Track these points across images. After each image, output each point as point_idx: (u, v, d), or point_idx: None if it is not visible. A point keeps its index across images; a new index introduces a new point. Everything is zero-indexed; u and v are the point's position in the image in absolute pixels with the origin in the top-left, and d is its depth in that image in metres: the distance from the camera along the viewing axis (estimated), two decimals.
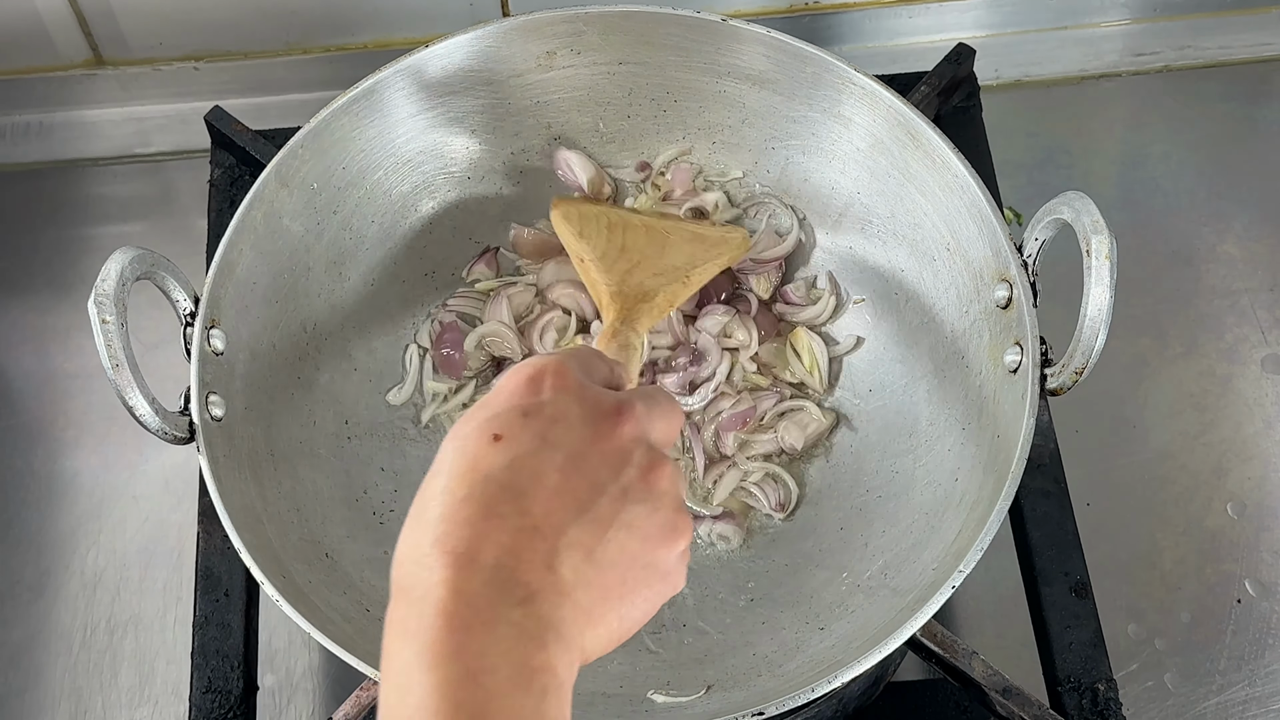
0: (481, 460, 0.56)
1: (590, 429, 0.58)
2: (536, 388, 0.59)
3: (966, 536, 0.81)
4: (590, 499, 0.56)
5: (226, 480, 0.83)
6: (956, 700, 0.92)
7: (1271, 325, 1.12)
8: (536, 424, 0.57)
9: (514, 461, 0.56)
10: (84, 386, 1.11)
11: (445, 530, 0.54)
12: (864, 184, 0.98)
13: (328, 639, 0.76)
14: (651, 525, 0.58)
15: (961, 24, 1.24)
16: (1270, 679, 0.98)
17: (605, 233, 0.92)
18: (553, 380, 0.59)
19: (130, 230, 1.19)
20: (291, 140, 0.93)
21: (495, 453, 0.56)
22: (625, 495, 0.57)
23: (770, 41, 0.94)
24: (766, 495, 0.96)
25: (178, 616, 1.02)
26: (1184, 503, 1.05)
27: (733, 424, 0.98)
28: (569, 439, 0.57)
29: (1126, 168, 1.20)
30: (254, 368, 0.90)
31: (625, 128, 1.03)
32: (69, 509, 1.07)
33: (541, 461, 0.56)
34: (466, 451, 0.56)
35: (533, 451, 0.56)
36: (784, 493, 0.96)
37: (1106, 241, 0.78)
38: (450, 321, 1.01)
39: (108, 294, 0.79)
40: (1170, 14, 1.25)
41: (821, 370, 0.99)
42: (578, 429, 0.58)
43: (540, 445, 0.57)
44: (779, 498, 0.96)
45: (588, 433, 0.58)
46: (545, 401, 0.58)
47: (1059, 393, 0.82)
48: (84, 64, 1.21)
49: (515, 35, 0.97)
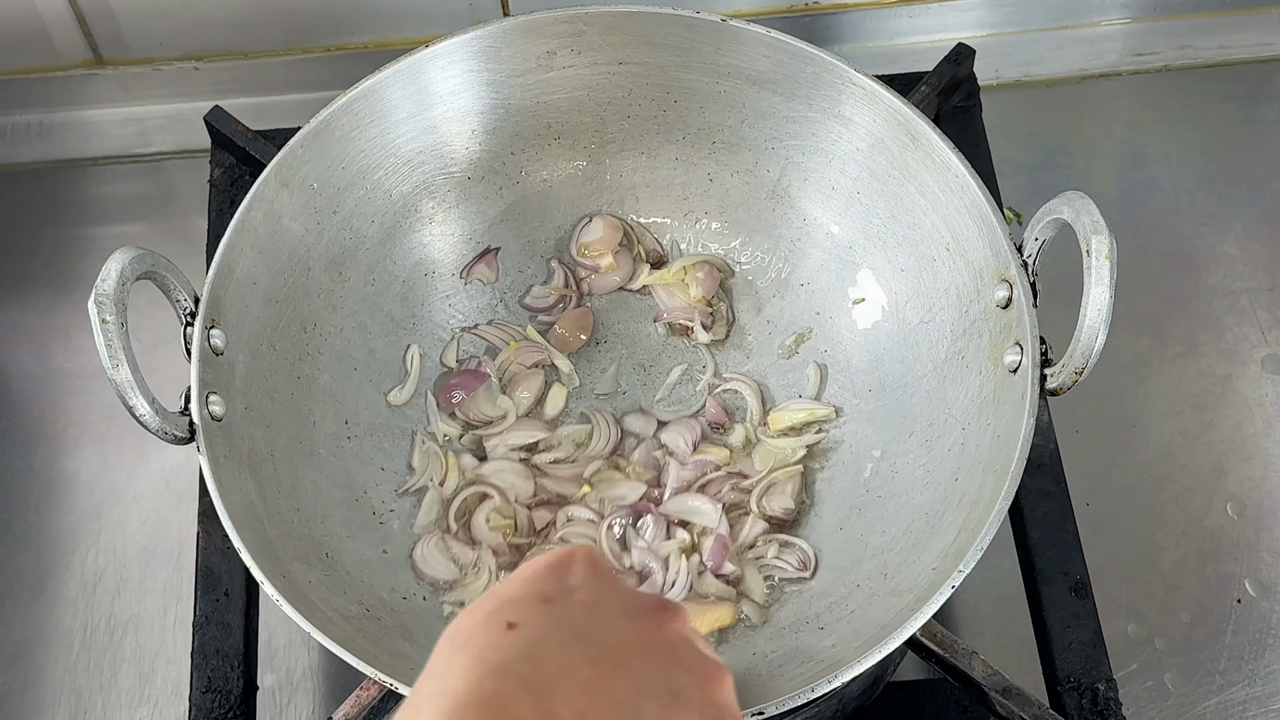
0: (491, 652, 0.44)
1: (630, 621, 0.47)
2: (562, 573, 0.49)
3: (966, 536, 0.81)
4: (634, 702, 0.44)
5: (226, 480, 0.83)
6: (956, 700, 0.92)
7: (1271, 325, 1.12)
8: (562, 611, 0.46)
9: (534, 653, 0.44)
10: (84, 386, 1.11)
11: None
12: (864, 184, 0.98)
13: (328, 639, 0.76)
14: None
15: (961, 24, 1.24)
16: (1270, 679, 0.98)
17: None
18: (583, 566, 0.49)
19: (130, 230, 1.19)
20: (291, 140, 0.93)
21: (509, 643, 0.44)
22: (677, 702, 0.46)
23: (770, 42, 0.94)
24: (786, 562, 0.94)
25: (178, 616, 1.02)
26: (1184, 503, 1.05)
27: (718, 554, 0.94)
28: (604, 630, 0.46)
29: (1126, 168, 1.20)
30: (254, 368, 0.90)
31: (625, 128, 1.03)
32: (69, 509, 1.07)
33: (570, 654, 0.45)
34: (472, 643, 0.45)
35: (560, 642, 0.45)
36: (801, 555, 0.94)
37: (1106, 241, 0.78)
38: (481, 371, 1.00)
39: (108, 294, 0.79)
40: (1170, 14, 1.26)
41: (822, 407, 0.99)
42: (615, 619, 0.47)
43: (569, 636, 0.45)
44: (799, 558, 0.94)
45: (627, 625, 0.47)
46: (574, 587, 0.48)
47: (1059, 393, 0.82)
48: (84, 64, 1.21)
49: (515, 35, 0.97)
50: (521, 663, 0.44)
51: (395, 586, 0.91)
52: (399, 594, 0.91)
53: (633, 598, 0.49)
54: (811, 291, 1.03)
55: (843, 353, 1.01)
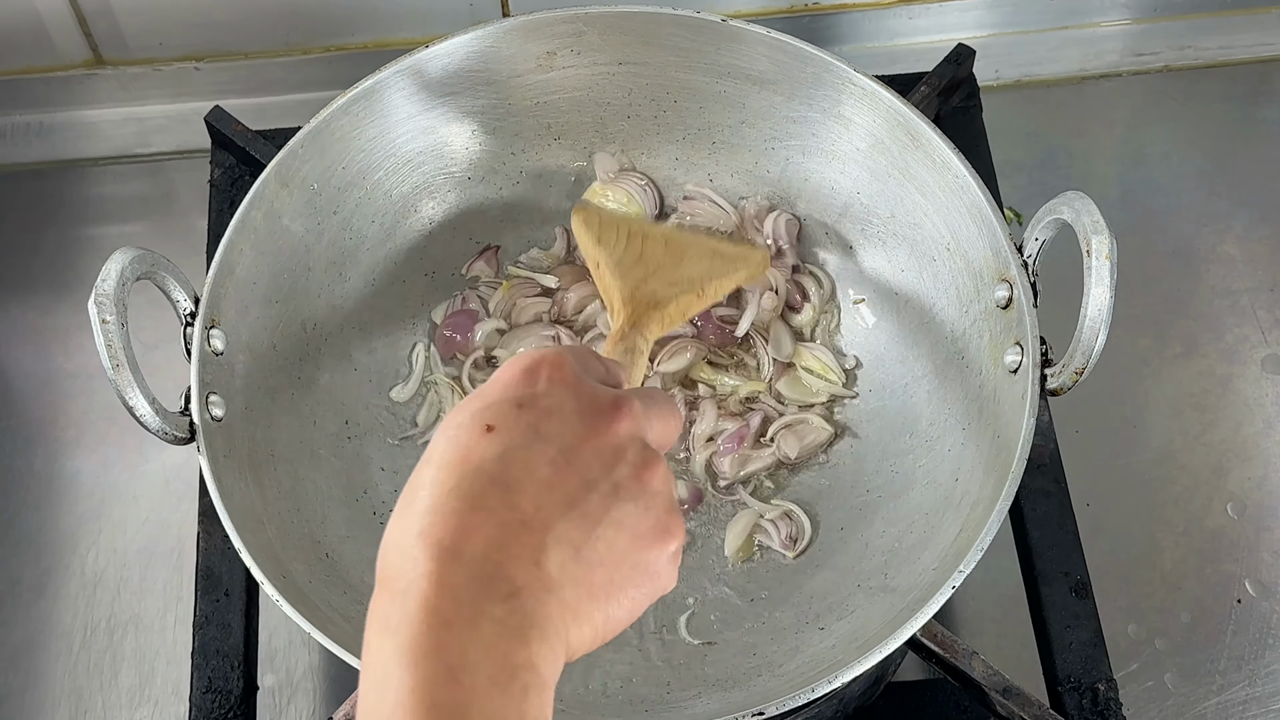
0: (473, 451, 0.55)
1: (585, 423, 0.57)
2: (532, 379, 0.58)
3: (966, 536, 0.81)
4: (581, 495, 0.55)
5: (226, 480, 0.83)
6: (956, 700, 0.92)
7: (1271, 325, 1.12)
8: (530, 416, 0.56)
9: (505, 454, 0.55)
10: (84, 386, 1.11)
11: (431, 521, 0.53)
12: (864, 184, 0.98)
13: (328, 639, 0.76)
14: (643, 524, 0.57)
15: (961, 24, 1.24)
16: (1270, 679, 0.98)
17: (624, 240, 0.91)
18: (549, 372, 0.58)
19: (130, 230, 1.19)
20: (291, 140, 0.93)
21: (487, 444, 0.55)
22: (617, 492, 0.56)
23: (770, 42, 0.94)
24: (778, 530, 0.95)
25: (178, 616, 1.02)
26: (1184, 503, 1.05)
27: (730, 448, 0.96)
28: (563, 432, 0.56)
29: (1126, 168, 1.20)
30: (254, 368, 0.90)
31: (625, 128, 1.03)
32: (69, 509, 1.07)
33: (533, 454, 0.55)
34: (458, 442, 0.55)
35: (525, 444, 0.55)
36: (795, 528, 0.95)
37: (1106, 241, 0.78)
38: (470, 308, 1.01)
39: (108, 294, 0.79)
40: (1170, 14, 1.25)
41: (838, 374, 0.99)
42: (572, 423, 0.57)
43: (533, 438, 0.56)
44: (790, 532, 0.95)
45: (582, 427, 0.57)
46: (540, 393, 0.58)
47: (1059, 393, 0.82)
48: (84, 64, 1.21)
49: (515, 35, 0.97)
50: (495, 462, 0.54)
51: None
52: None
53: (591, 400, 0.58)
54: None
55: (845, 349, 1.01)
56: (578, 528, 0.55)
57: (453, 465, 0.55)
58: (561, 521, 0.54)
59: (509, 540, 0.53)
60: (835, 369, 0.99)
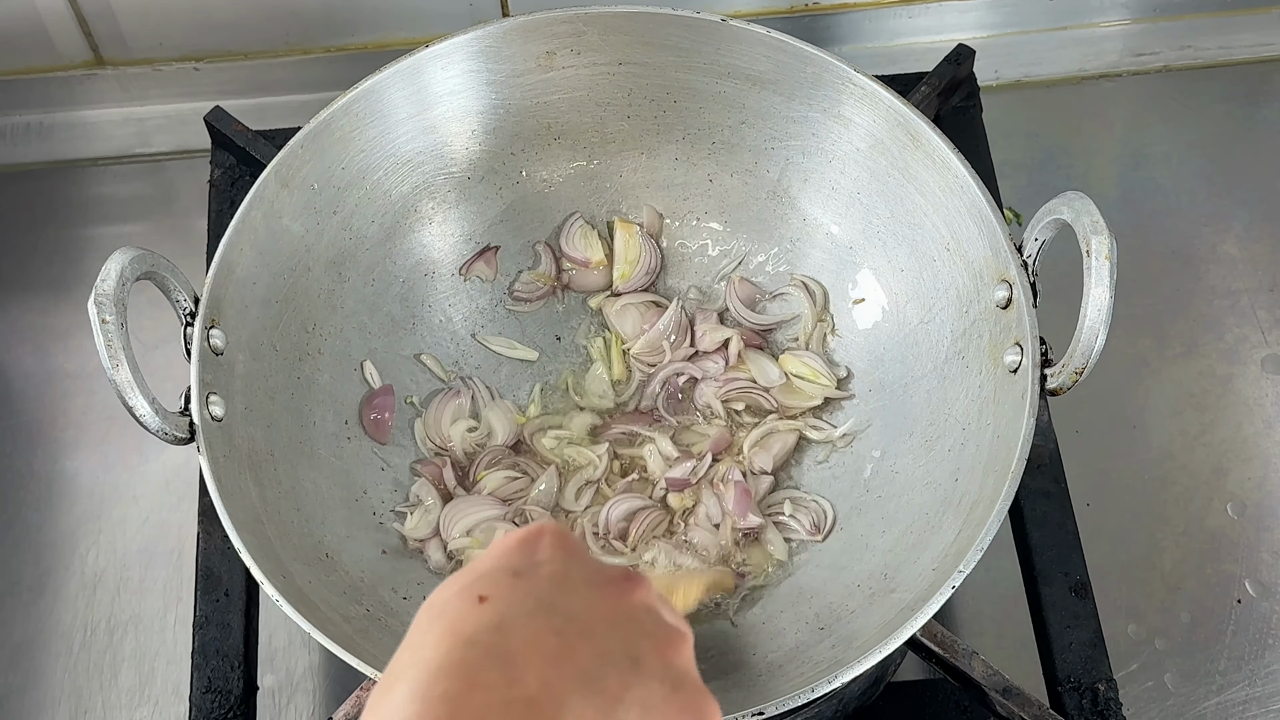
0: (463, 623, 0.47)
1: (595, 591, 0.50)
2: (532, 548, 0.52)
3: (966, 536, 0.81)
4: (596, 669, 0.47)
5: (226, 480, 0.83)
6: (956, 700, 0.92)
7: (1271, 325, 1.12)
8: (530, 584, 0.50)
9: (503, 624, 0.47)
10: (84, 386, 1.11)
11: (417, 711, 0.45)
12: (864, 184, 0.98)
13: (328, 639, 0.76)
14: (671, 708, 0.49)
15: (961, 24, 1.24)
16: (1270, 679, 0.98)
17: None
18: (552, 540, 0.52)
19: (130, 230, 1.19)
20: (291, 140, 0.93)
21: (480, 615, 0.48)
22: (638, 668, 0.49)
23: (770, 42, 0.94)
24: (800, 522, 0.95)
25: (178, 616, 1.02)
26: (1184, 503, 1.05)
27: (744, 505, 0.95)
28: (569, 601, 0.49)
29: (1126, 168, 1.20)
30: (254, 368, 0.90)
31: (625, 128, 1.03)
32: (69, 509, 1.07)
33: (536, 624, 0.48)
34: (446, 615, 0.48)
35: (526, 613, 0.48)
36: (816, 513, 0.95)
37: (1106, 241, 0.78)
38: (385, 385, 0.99)
39: (108, 294, 0.79)
40: (1170, 14, 1.26)
41: (828, 377, 0.99)
42: (580, 591, 0.50)
43: (535, 607, 0.48)
44: (812, 519, 0.95)
45: (592, 595, 0.50)
46: (542, 561, 0.51)
47: (1059, 393, 0.82)
48: (84, 64, 1.21)
49: (515, 35, 0.97)
50: (491, 633, 0.47)
51: (395, 586, 0.91)
52: (399, 594, 0.91)
53: (598, 570, 0.52)
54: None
55: (843, 353, 1.01)
56: (595, 709, 0.47)
57: (439, 641, 0.47)
58: (575, 698, 0.46)
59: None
60: (825, 372, 0.99)
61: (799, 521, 0.95)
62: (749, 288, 1.04)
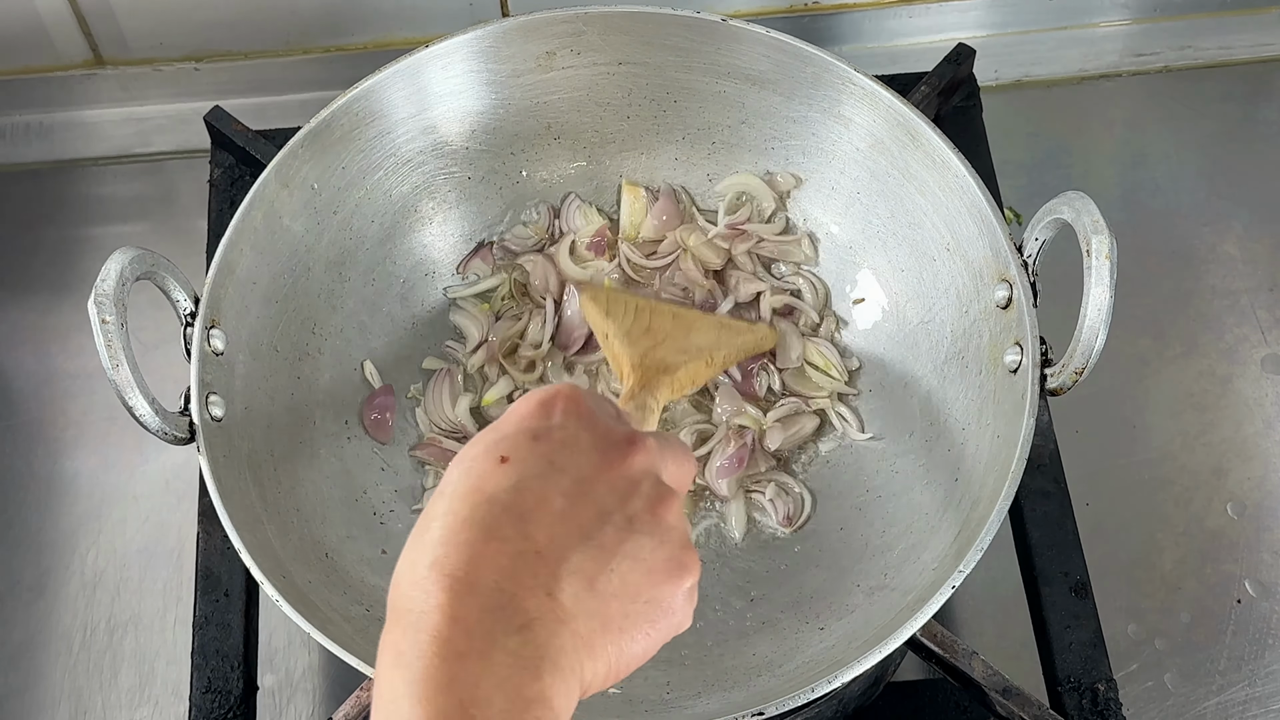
0: (487, 482, 0.55)
1: (600, 455, 0.57)
2: (548, 412, 0.58)
3: (966, 536, 0.81)
4: (595, 526, 0.55)
5: (226, 480, 0.83)
6: (956, 700, 0.92)
7: (1271, 325, 1.12)
8: (545, 447, 0.56)
9: (519, 484, 0.55)
10: (84, 386, 1.11)
11: (444, 553, 0.52)
12: (864, 184, 0.98)
13: (328, 639, 0.76)
14: (657, 559, 0.56)
15: (961, 24, 1.24)
16: (1270, 679, 0.98)
17: (631, 314, 0.90)
18: (565, 405, 0.58)
19: (130, 230, 1.19)
20: (291, 140, 0.93)
21: (501, 474, 0.55)
22: (631, 525, 0.56)
23: (770, 42, 0.94)
24: (775, 509, 0.95)
25: (178, 616, 1.02)
26: (1184, 503, 1.05)
27: (730, 469, 0.96)
28: (577, 464, 0.56)
29: (1126, 168, 1.20)
30: (254, 368, 0.90)
31: (625, 128, 1.03)
32: (69, 509, 1.07)
33: (547, 485, 0.55)
34: (473, 472, 0.55)
35: (539, 475, 0.55)
36: (793, 505, 0.95)
37: (1106, 241, 0.78)
38: (385, 385, 0.99)
39: (108, 294, 0.79)
40: (1170, 14, 1.25)
41: (840, 371, 0.99)
42: (587, 454, 0.57)
43: (547, 469, 0.56)
44: (788, 510, 0.95)
45: (597, 459, 0.57)
46: (555, 425, 0.58)
47: (1059, 393, 0.82)
48: (84, 64, 1.21)
49: (515, 35, 0.97)
50: (509, 493, 0.54)
51: None
52: None
53: (605, 434, 0.58)
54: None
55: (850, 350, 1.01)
56: (592, 560, 0.54)
57: (466, 496, 0.54)
58: (575, 553, 0.54)
59: (522, 571, 0.52)
60: (838, 365, 0.99)
61: (774, 508, 0.95)
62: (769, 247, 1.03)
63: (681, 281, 1.02)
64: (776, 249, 1.02)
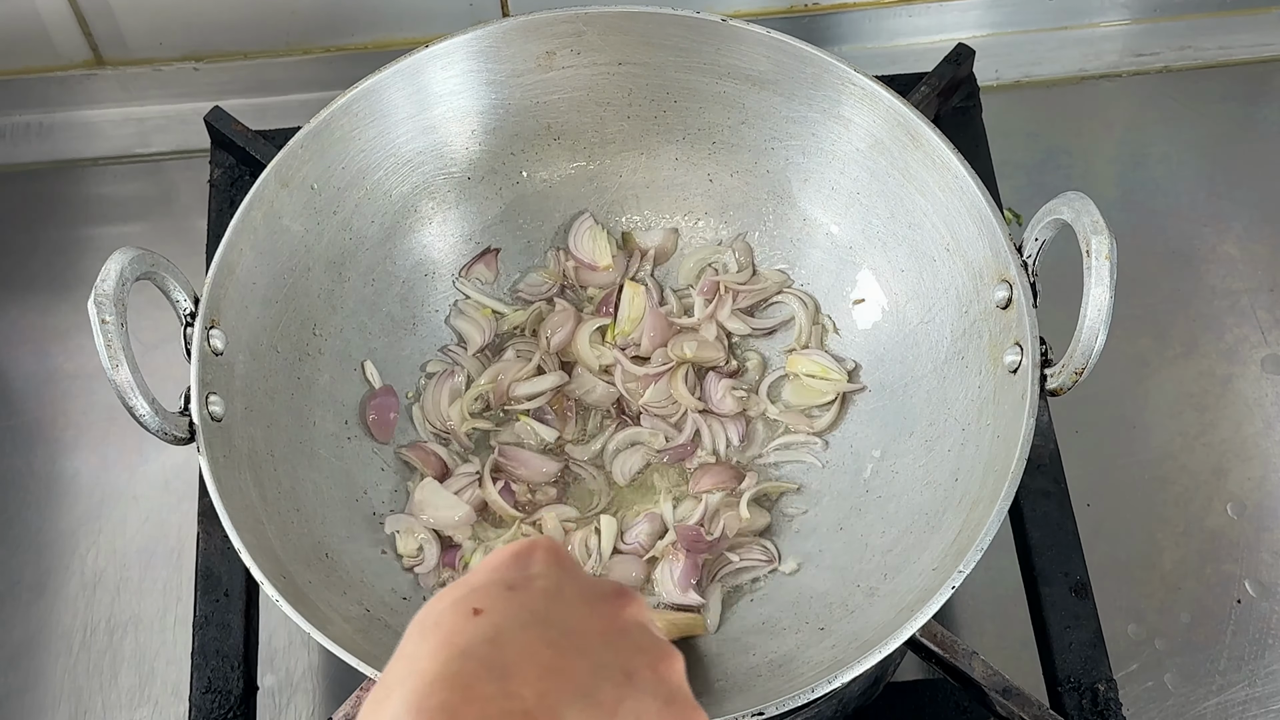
0: (458, 636, 0.47)
1: (588, 606, 0.51)
2: (524, 563, 0.52)
3: (966, 536, 0.81)
4: (591, 683, 0.47)
5: (226, 480, 0.83)
6: (956, 700, 0.92)
7: (1271, 325, 1.12)
8: (524, 597, 0.50)
9: (497, 637, 0.47)
10: (84, 386, 1.11)
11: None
12: (864, 184, 0.98)
13: (328, 639, 0.76)
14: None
15: (961, 24, 1.24)
16: (1270, 679, 0.98)
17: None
18: (544, 555, 0.53)
19: (130, 230, 1.19)
20: (291, 140, 0.93)
21: (474, 627, 0.47)
22: (631, 681, 0.49)
23: (770, 42, 0.94)
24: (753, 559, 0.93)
25: (178, 616, 1.02)
26: (1184, 503, 1.05)
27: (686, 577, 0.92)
28: (563, 614, 0.50)
29: (1126, 168, 1.20)
30: (254, 368, 0.90)
31: (625, 128, 1.03)
32: (69, 509, 1.07)
33: (531, 637, 0.48)
34: (441, 627, 0.48)
35: (521, 625, 0.48)
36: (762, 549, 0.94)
37: (1106, 241, 0.78)
38: (385, 386, 0.99)
39: (108, 294, 0.79)
40: (1170, 14, 1.26)
41: (839, 372, 0.99)
42: (573, 605, 0.50)
43: (529, 619, 0.49)
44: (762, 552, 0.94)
45: (585, 610, 0.50)
46: (536, 575, 0.52)
47: (1059, 393, 0.82)
48: (84, 64, 1.21)
49: (515, 35, 0.97)
50: (486, 646, 0.47)
51: (395, 587, 0.91)
52: (399, 594, 0.91)
53: (592, 585, 0.52)
54: (811, 291, 1.03)
55: (843, 353, 1.01)
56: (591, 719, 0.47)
57: (434, 652, 0.47)
58: (570, 711, 0.46)
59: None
60: (834, 367, 0.99)
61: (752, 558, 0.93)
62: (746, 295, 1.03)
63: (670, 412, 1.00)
64: (754, 295, 1.03)
